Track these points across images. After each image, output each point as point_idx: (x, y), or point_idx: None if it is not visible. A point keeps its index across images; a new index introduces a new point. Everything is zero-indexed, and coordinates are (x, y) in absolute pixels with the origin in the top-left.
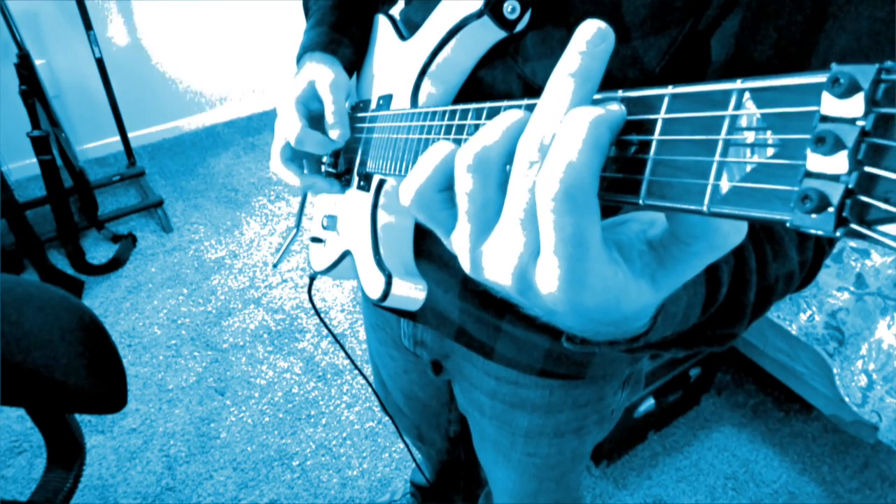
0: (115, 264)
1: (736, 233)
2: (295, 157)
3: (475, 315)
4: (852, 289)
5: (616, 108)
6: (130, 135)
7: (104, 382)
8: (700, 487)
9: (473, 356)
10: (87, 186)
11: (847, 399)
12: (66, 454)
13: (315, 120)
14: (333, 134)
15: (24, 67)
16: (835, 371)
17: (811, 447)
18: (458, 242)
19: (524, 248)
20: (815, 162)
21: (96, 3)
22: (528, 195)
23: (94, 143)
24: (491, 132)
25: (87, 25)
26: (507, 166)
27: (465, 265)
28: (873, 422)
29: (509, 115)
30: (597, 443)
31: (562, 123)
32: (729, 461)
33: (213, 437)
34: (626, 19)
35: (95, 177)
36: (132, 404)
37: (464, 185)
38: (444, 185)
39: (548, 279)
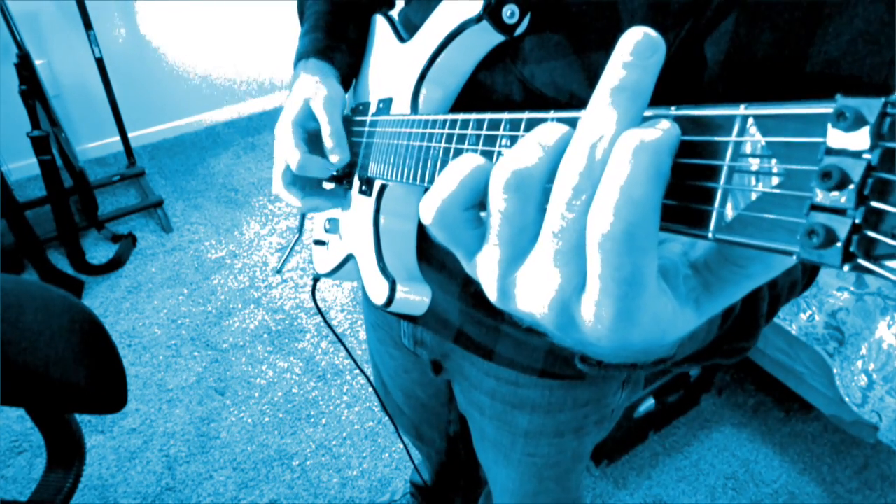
0: (115, 264)
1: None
2: (296, 179)
3: (475, 317)
4: (852, 289)
5: (669, 126)
6: (130, 135)
7: (104, 382)
8: (700, 487)
9: (473, 356)
10: (87, 186)
11: (847, 399)
12: (66, 454)
13: (313, 137)
14: (333, 158)
15: (24, 67)
16: (835, 371)
17: (811, 447)
18: (486, 268)
19: (567, 282)
20: (822, 195)
21: (96, 3)
22: (573, 226)
23: (94, 143)
24: (532, 148)
25: (87, 25)
26: (548, 184)
27: (492, 293)
28: (873, 422)
29: (552, 131)
30: (597, 443)
31: (616, 150)
32: (729, 461)
33: (213, 437)
34: (623, 23)
35: (95, 177)
36: (132, 404)
37: (499, 205)
38: (471, 202)
39: (596, 317)
